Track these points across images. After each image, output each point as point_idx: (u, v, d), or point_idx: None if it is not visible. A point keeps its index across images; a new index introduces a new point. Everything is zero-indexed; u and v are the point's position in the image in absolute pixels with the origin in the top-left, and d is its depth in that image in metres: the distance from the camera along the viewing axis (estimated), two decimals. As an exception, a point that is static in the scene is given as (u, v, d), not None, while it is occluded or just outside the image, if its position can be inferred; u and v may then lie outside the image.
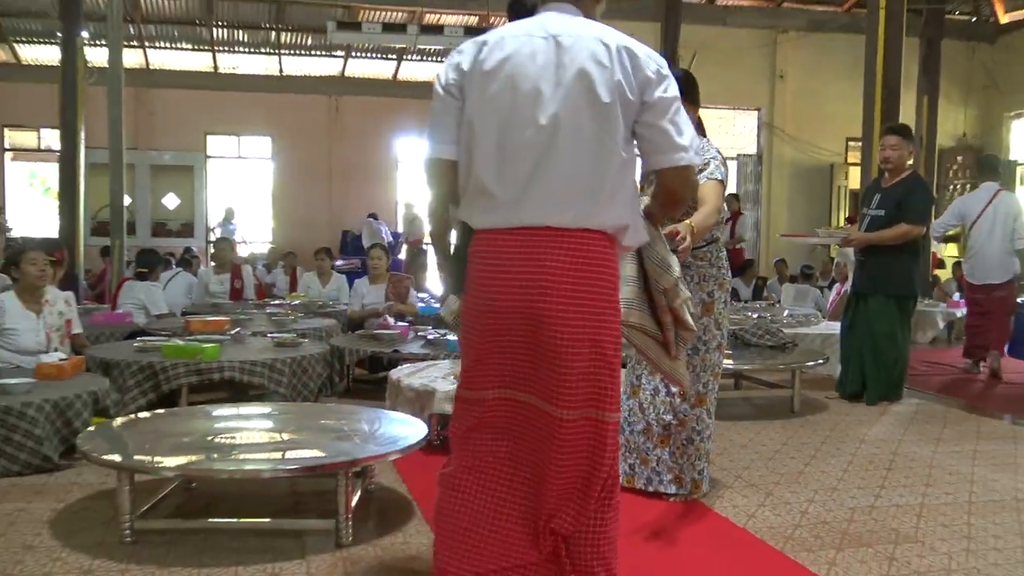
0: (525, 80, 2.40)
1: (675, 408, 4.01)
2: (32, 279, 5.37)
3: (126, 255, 11.14)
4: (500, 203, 2.42)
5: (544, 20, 2.48)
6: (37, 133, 17.22)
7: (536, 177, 2.38)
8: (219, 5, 14.96)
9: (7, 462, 4.20)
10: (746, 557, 3.41)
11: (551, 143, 2.37)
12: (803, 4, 14.97)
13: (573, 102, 2.37)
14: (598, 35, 2.44)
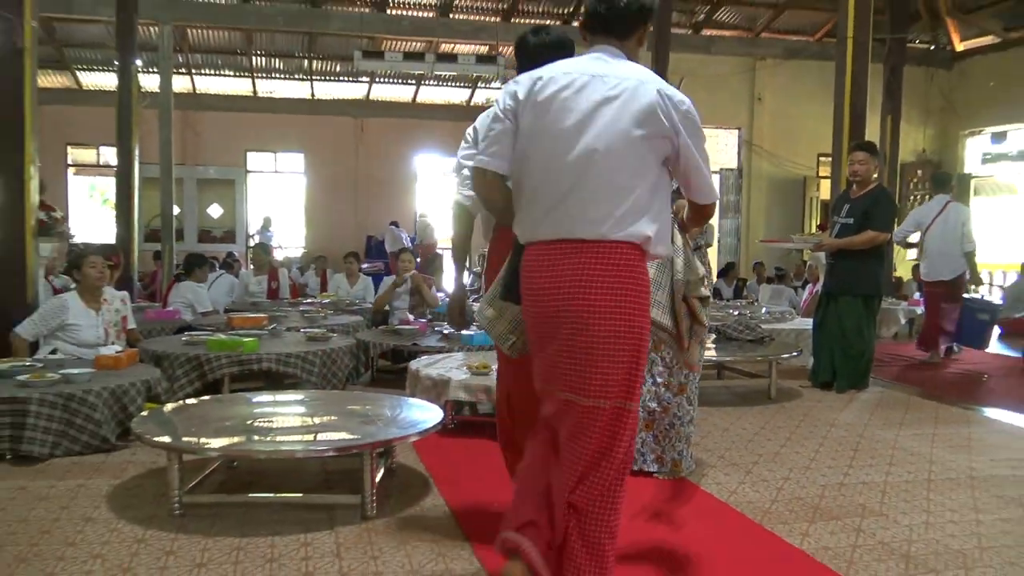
0: (572, 112, 2.47)
1: (659, 396, 4.03)
2: (92, 280, 5.38)
3: (175, 259, 11.18)
4: (545, 218, 2.48)
5: (592, 60, 2.57)
6: (97, 150, 17.26)
7: (577, 196, 2.44)
8: (258, 36, 14.97)
9: (70, 443, 4.20)
10: (728, 529, 3.40)
11: (591, 168, 2.44)
12: (779, 34, 14.94)
13: (612, 134, 2.44)
14: (640, 77, 2.50)
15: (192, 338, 5.80)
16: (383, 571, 2.88)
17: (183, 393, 5.19)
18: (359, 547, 3.09)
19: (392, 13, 13.85)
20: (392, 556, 3.01)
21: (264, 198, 17.78)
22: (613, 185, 2.43)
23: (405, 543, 3.14)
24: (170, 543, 3.11)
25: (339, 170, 17.07)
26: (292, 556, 3.00)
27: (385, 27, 13.72)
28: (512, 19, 14.10)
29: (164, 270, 11.15)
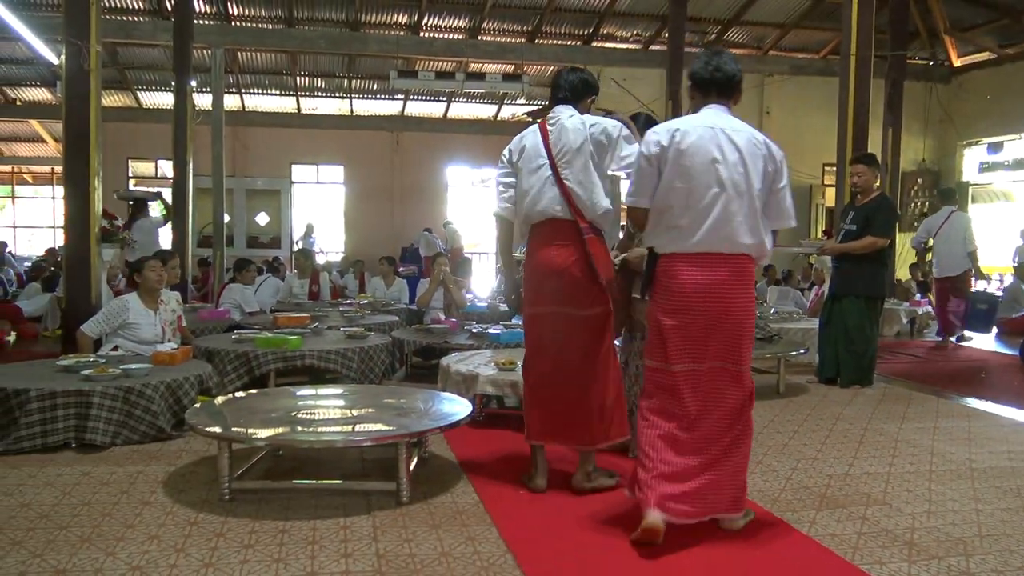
0: (706, 157, 3.01)
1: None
2: (151, 283, 5.42)
3: (225, 263, 11.26)
4: (685, 236, 3.02)
5: (713, 115, 3.11)
6: (155, 164, 17.47)
7: (711, 221, 2.99)
8: (302, 58, 15.07)
9: (129, 432, 4.23)
10: (739, 516, 3.36)
11: (720, 200, 3.00)
12: (786, 52, 14.81)
13: (737, 173, 3.02)
14: (748, 129, 3.13)
15: (241, 336, 5.83)
16: (416, 553, 2.87)
17: (232, 387, 5.21)
18: (394, 530, 3.08)
19: (425, 35, 13.89)
20: (425, 539, 3.00)
21: (307, 207, 17.90)
22: (740, 213, 3.01)
23: (437, 527, 3.13)
24: (220, 526, 3.12)
25: (376, 180, 17.14)
26: (332, 538, 3.00)
27: (418, 48, 13.76)
28: (536, 40, 14.09)
29: (215, 273, 11.24)
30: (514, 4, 13.33)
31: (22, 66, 14.97)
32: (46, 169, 19.53)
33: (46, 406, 4.04)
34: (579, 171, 3.45)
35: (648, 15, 13.80)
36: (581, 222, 3.46)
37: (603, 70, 13.79)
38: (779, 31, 14.25)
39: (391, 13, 13.58)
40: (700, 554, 2.93)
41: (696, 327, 3.00)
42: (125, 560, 2.77)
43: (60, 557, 2.78)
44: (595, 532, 3.12)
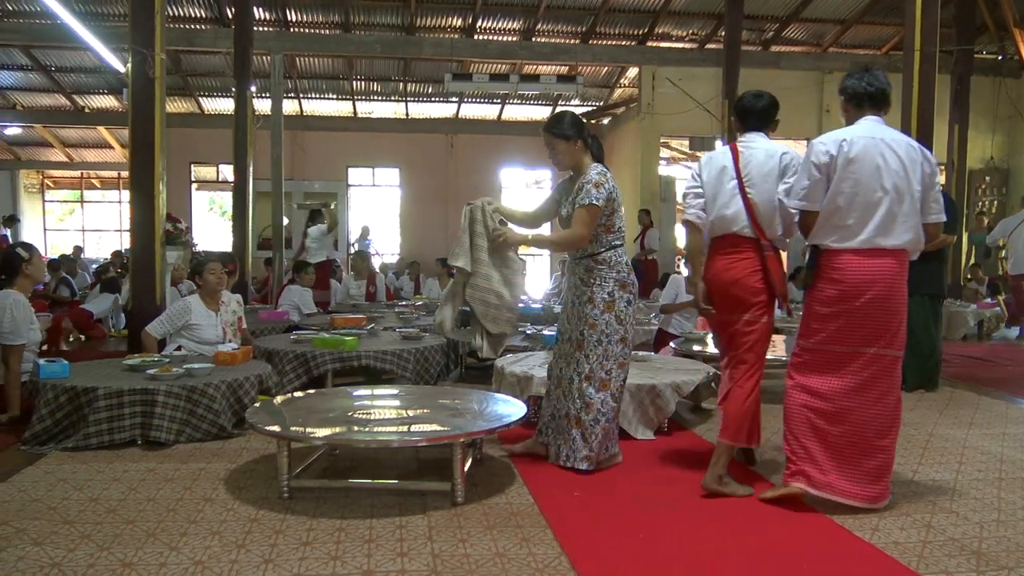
0: (871, 164, 3.37)
1: (584, 393, 3.88)
2: (212, 285, 5.54)
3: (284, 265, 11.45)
4: (852, 234, 3.38)
5: (871, 126, 3.45)
6: (216, 168, 17.89)
7: (876, 220, 3.35)
8: (358, 62, 15.26)
9: (192, 430, 4.33)
10: (798, 523, 3.29)
11: (885, 202, 3.35)
12: (846, 49, 14.48)
13: (899, 177, 3.37)
14: (904, 138, 3.48)
15: (299, 337, 5.93)
16: (471, 553, 2.88)
17: (291, 387, 5.30)
18: (449, 530, 3.10)
19: (479, 38, 13.95)
20: (479, 540, 3.01)
21: (363, 209, 18.11)
22: (901, 213, 3.37)
23: (491, 528, 3.14)
24: (279, 523, 3.17)
25: (431, 183, 17.27)
26: (388, 537, 3.02)
27: (473, 51, 13.82)
28: (590, 40, 14.04)
29: (274, 275, 11.44)
30: (568, 5, 13.30)
31: (90, 74, 15.47)
32: (113, 174, 20.15)
33: (113, 404, 4.17)
34: (765, 193, 3.69)
35: (704, 13, 13.64)
36: (763, 239, 3.70)
37: (657, 70, 13.68)
38: (839, 27, 13.95)
39: (445, 16, 13.68)
40: (756, 560, 2.89)
41: (855, 315, 3.37)
42: (188, 555, 2.83)
43: (126, 551, 2.86)
44: (650, 534, 3.10)
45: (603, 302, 3.87)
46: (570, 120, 3.96)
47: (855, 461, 3.35)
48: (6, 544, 2.90)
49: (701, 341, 6.25)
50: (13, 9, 12.82)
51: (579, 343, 3.90)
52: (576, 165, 3.99)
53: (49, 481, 3.65)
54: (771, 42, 14.23)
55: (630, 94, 15.84)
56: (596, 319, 3.86)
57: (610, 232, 3.92)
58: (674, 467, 4.08)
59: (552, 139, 3.94)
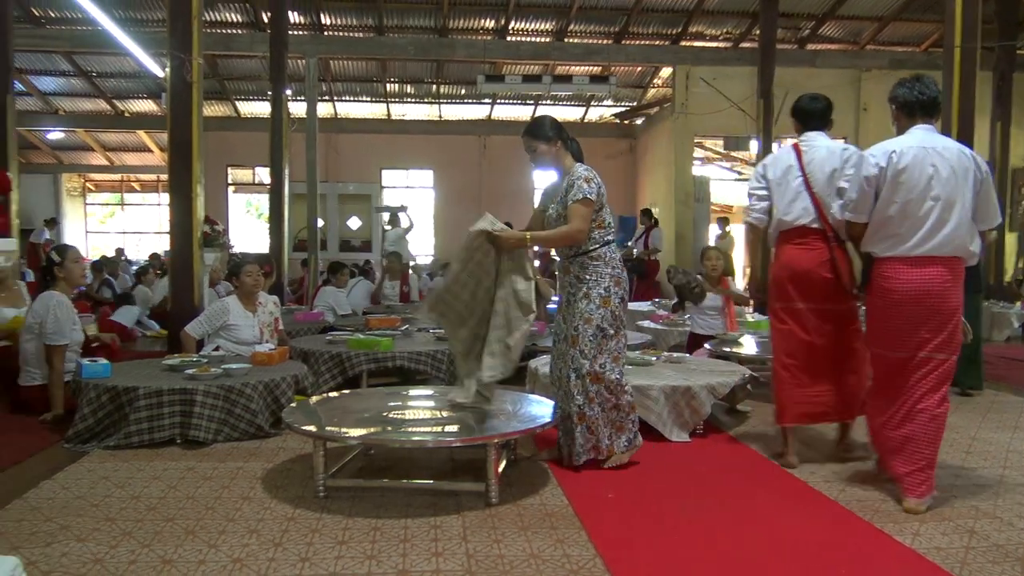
0: (922, 174, 3.42)
1: (585, 388, 3.87)
2: (248, 287, 5.61)
3: (320, 266, 11.55)
4: (903, 242, 3.46)
5: (922, 135, 3.52)
6: (253, 171, 18.10)
7: (926, 229, 3.42)
8: (391, 65, 15.36)
9: (230, 429, 4.38)
10: (839, 526, 3.25)
11: (935, 211, 3.41)
12: (884, 46, 14.27)
13: (950, 186, 3.42)
14: (955, 145, 3.53)
15: (334, 338, 5.97)
16: (505, 554, 2.88)
17: (326, 387, 5.34)
18: (483, 531, 3.11)
19: (512, 40, 13.96)
20: (514, 540, 3.01)
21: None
22: (952, 221, 3.41)
23: (526, 529, 3.14)
24: (315, 522, 3.20)
25: (464, 184, 17.32)
26: (423, 537, 3.04)
27: (505, 52, 13.84)
28: (623, 41, 13.98)
29: (310, 276, 11.54)
30: (601, 5, 13.27)
31: (130, 79, 15.74)
32: (152, 177, 20.49)
33: (153, 403, 4.23)
34: (829, 188, 3.95)
35: (738, 12, 13.53)
36: (829, 231, 3.95)
37: (691, 69, 13.59)
38: (877, 24, 13.75)
39: (478, 18, 13.71)
40: (793, 563, 2.85)
41: (912, 319, 3.45)
42: (226, 552, 2.87)
43: (166, 548, 2.91)
44: (686, 537, 3.08)
45: (599, 297, 3.88)
46: (549, 123, 4.10)
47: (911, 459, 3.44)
48: (51, 540, 2.96)
49: (736, 343, 6.19)
50: (56, 16, 13.10)
51: (573, 339, 3.89)
52: (559, 166, 4.08)
53: (91, 479, 3.72)
54: (807, 40, 14.06)
55: (663, 94, 15.75)
56: (592, 314, 3.87)
57: (602, 228, 3.95)
58: (709, 469, 4.05)
59: (533, 142, 4.04)
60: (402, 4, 13.19)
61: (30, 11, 12.78)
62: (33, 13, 12.88)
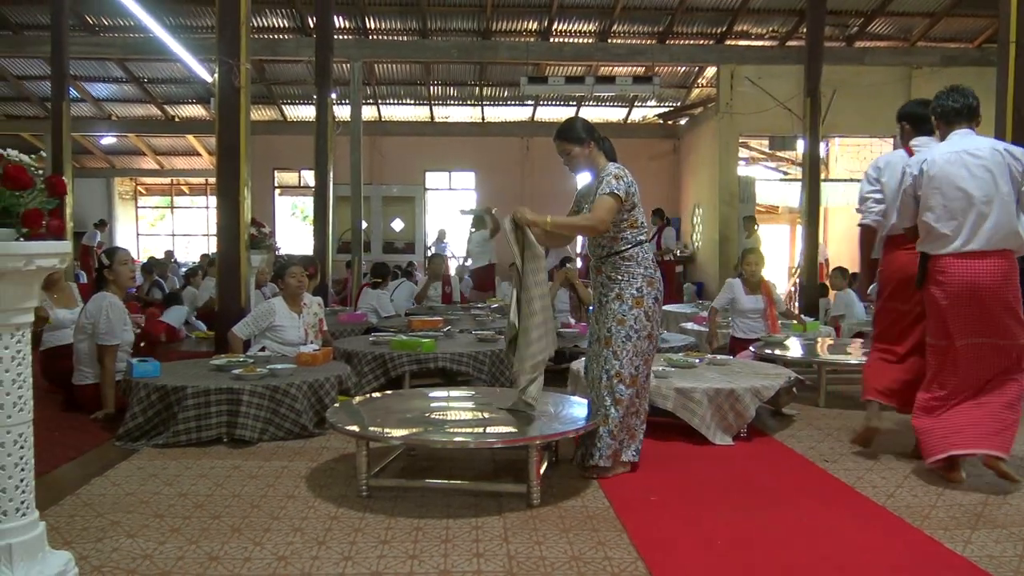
0: (954, 176, 3.71)
1: (614, 389, 3.81)
2: (293, 288, 5.68)
3: (363, 267, 11.66)
4: (949, 241, 3.71)
5: (958, 140, 3.79)
6: (298, 173, 18.34)
7: (969, 227, 3.67)
8: (435, 68, 15.44)
9: (275, 429, 4.45)
10: (886, 533, 3.18)
11: (974, 209, 3.66)
12: (936, 43, 13.95)
13: (984, 183, 3.66)
14: (992, 145, 3.77)
15: (377, 339, 6.02)
16: (547, 556, 2.88)
17: (369, 387, 5.39)
18: (525, 532, 3.11)
19: (554, 41, 13.93)
20: (555, 542, 3.01)
21: (440, 212, 18.30)
22: (992, 216, 3.64)
23: (567, 531, 3.13)
24: (358, 521, 3.23)
25: (507, 186, 17.32)
26: (464, 538, 3.05)
27: (548, 54, 13.82)
28: (667, 40, 13.88)
29: (354, 278, 11.66)
30: (644, 5, 13.18)
31: (180, 85, 16.06)
32: (201, 180, 20.87)
33: (200, 403, 4.31)
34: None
35: (785, 10, 13.33)
36: None
37: (736, 69, 13.44)
38: (928, 20, 13.45)
39: (521, 20, 13.71)
40: (839, 571, 2.80)
41: (968, 310, 3.67)
42: (271, 550, 2.91)
43: (213, 545, 2.96)
44: (728, 541, 3.04)
45: (632, 298, 3.84)
46: (581, 125, 4.08)
47: (981, 416, 3.71)
48: (102, 535, 3.03)
49: (781, 345, 6.10)
50: (109, 24, 13.43)
51: (607, 340, 3.86)
52: (592, 167, 4.05)
53: (141, 476, 3.81)
54: (855, 37, 13.81)
55: (708, 94, 15.60)
56: (625, 315, 3.83)
57: (634, 227, 3.91)
58: (753, 473, 4.00)
59: (565, 145, 4.02)
60: (446, 7, 13.26)
61: (85, 19, 13.12)
62: (88, 21, 13.23)
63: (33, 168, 2.39)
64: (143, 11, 10.52)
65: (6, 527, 2.32)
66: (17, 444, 2.36)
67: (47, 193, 2.42)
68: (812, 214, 10.41)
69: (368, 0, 12.92)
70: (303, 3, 12.81)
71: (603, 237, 3.92)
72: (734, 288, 6.70)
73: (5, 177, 2.29)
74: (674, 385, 4.54)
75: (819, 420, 5.16)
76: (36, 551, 2.38)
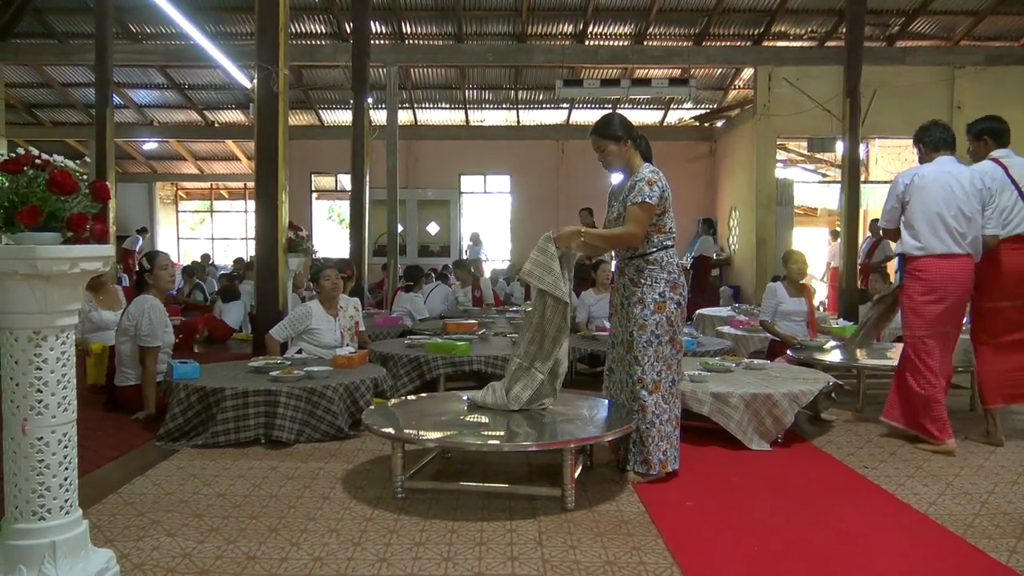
0: (940, 191, 4.52)
1: (636, 395, 3.77)
2: (327, 291, 5.74)
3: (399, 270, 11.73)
4: (930, 243, 4.52)
5: (944, 163, 4.63)
6: (335, 177, 18.49)
7: (952, 233, 4.49)
8: (470, 72, 15.49)
9: (311, 431, 4.49)
10: (929, 541, 3.13)
11: (952, 220, 4.50)
12: (979, 42, 13.68)
13: (962, 202, 4.50)
14: (968, 171, 4.61)
15: (413, 341, 6.06)
16: (581, 560, 2.87)
17: (405, 390, 5.42)
18: (559, 536, 3.10)
19: (590, 44, 13.91)
20: (589, 547, 3.00)
21: (475, 216, 18.35)
22: (968, 227, 4.52)
23: (602, 535, 3.12)
24: (393, 523, 3.25)
25: (542, 189, 17.32)
26: (499, 541, 3.05)
27: (584, 57, 13.79)
28: (703, 42, 13.79)
29: (389, 280, 11.73)
30: (680, 7, 13.10)
31: (220, 91, 16.30)
32: (239, 185, 21.15)
33: (239, 404, 4.37)
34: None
35: (823, 10, 13.17)
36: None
37: (774, 70, 13.29)
38: (972, 19, 13.19)
39: (556, 23, 13.71)
40: (882, 579, 2.76)
41: (940, 305, 4.50)
42: (307, 551, 2.94)
43: (251, 545, 3.00)
44: (765, 547, 3.01)
45: (654, 303, 3.80)
46: (619, 122, 4.00)
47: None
48: (143, 534, 3.09)
49: (820, 349, 6.01)
50: (152, 32, 13.68)
51: (629, 344, 3.84)
52: (627, 166, 3.99)
53: (181, 476, 3.87)
54: (896, 37, 13.59)
55: (745, 95, 15.45)
56: (646, 320, 3.79)
57: (661, 232, 3.87)
58: (791, 479, 3.95)
59: (602, 141, 3.96)
60: (481, 11, 13.30)
61: (128, 28, 13.39)
62: (131, 29, 13.49)
63: (78, 173, 2.44)
64: (184, 19, 10.70)
65: (51, 524, 2.37)
66: (61, 444, 2.42)
67: (91, 198, 2.47)
68: (851, 217, 10.25)
69: (404, 5, 13.01)
70: (340, 9, 12.94)
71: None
72: (777, 292, 6.62)
73: (51, 182, 2.34)
74: (710, 390, 4.50)
75: (858, 426, 5.08)
76: (79, 549, 2.43)
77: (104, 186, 2.52)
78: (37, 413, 2.37)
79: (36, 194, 2.34)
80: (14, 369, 2.36)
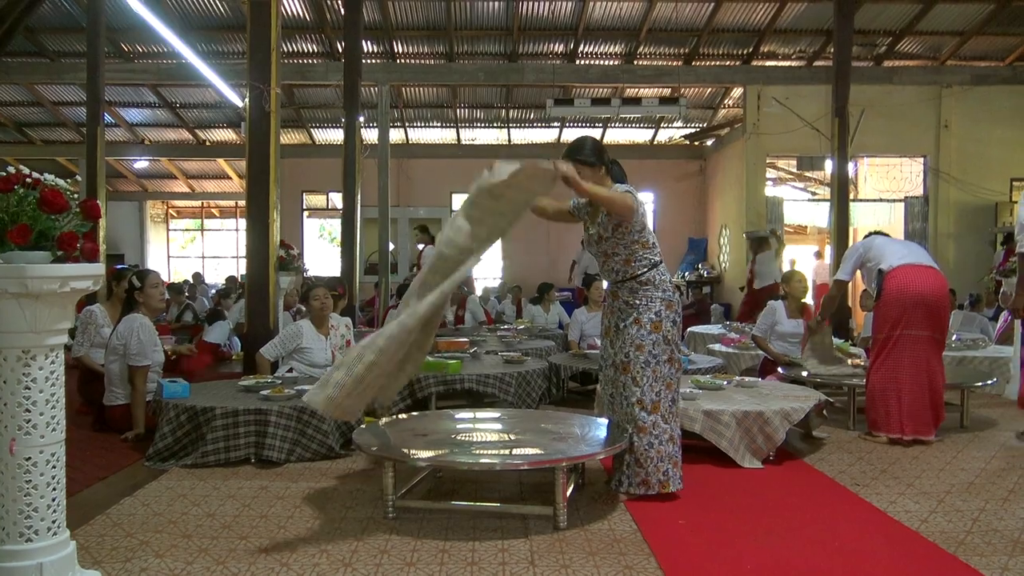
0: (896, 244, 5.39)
1: (635, 417, 3.76)
2: (316, 311, 5.72)
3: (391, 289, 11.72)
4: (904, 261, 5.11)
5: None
6: (326, 196, 18.50)
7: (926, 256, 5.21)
8: (461, 91, 15.56)
9: (302, 450, 4.47)
10: (920, 558, 3.12)
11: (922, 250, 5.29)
12: (966, 61, 13.83)
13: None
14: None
15: (404, 360, 6.02)
16: (573, 580, 2.86)
17: (396, 409, 5.40)
18: (551, 555, 3.09)
19: (581, 63, 14.01)
20: (582, 566, 2.99)
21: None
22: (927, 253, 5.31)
23: (594, 554, 3.11)
24: (384, 543, 3.23)
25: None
26: (491, 560, 3.04)
27: (574, 76, 13.88)
28: (693, 62, 13.90)
29: (381, 299, 11.72)
30: (670, 27, 13.21)
31: (211, 110, 16.32)
32: (231, 203, 21.14)
33: (229, 423, 4.35)
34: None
35: (812, 30, 13.30)
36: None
37: (763, 89, 13.40)
38: (958, 39, 13.34)
39: (547, 43, 13.80)
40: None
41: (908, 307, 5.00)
42: (297, 571, 2.92)
43: (240, 565, 2.97)
44: (757, 565, 3.00)
45: (650, 322, 3.80)
46: (591, 146, 4.02)
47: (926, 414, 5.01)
48: (131, 555, 3.06)
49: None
50: (143, 50, 13.71)
51: (624, 366, 3.82)
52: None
53: (170, 496, 3.84)
54: (884, 57, 13.72)
55: (735, 114, 15.56)
56: (643, 340, 3.79)
57: (646, 248, 3.88)
58: (783, 497, 3.95)
59: (576, 166, 3.91)
60: (472, 31, 13.38)
61: (120, 46, 13.41)
62: (123, 48, 13.51)
63: (68, 192, 2.44)
64: (176, 38, 10.72)
65: (37, 546, 2.35)
66: (49, 464, 2.40)
67: (82, 217, 2.47)
68: (841, 234, 10.32)
69: (396, 25, 13.08)
70: (332, 28, 13.00)
71: (616, 261, 3.91)
72: (777, 311, 6.63)
73: (42, 201, 2.34)
74: (702, 407, 4.50)
75: (850, 443, 5.09)
76: (66, 570, 2.41)
77: (95, 205, 2.52)
78: (25, 433, 2.35)
79: (27, 213, 2.34)
80: (2, 389, 2.35)
